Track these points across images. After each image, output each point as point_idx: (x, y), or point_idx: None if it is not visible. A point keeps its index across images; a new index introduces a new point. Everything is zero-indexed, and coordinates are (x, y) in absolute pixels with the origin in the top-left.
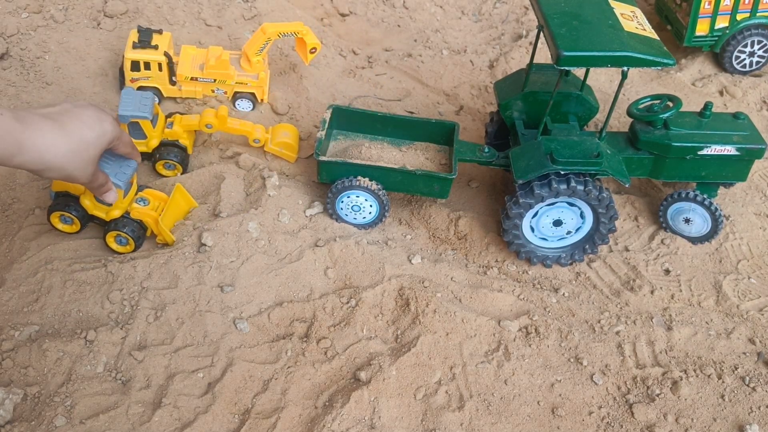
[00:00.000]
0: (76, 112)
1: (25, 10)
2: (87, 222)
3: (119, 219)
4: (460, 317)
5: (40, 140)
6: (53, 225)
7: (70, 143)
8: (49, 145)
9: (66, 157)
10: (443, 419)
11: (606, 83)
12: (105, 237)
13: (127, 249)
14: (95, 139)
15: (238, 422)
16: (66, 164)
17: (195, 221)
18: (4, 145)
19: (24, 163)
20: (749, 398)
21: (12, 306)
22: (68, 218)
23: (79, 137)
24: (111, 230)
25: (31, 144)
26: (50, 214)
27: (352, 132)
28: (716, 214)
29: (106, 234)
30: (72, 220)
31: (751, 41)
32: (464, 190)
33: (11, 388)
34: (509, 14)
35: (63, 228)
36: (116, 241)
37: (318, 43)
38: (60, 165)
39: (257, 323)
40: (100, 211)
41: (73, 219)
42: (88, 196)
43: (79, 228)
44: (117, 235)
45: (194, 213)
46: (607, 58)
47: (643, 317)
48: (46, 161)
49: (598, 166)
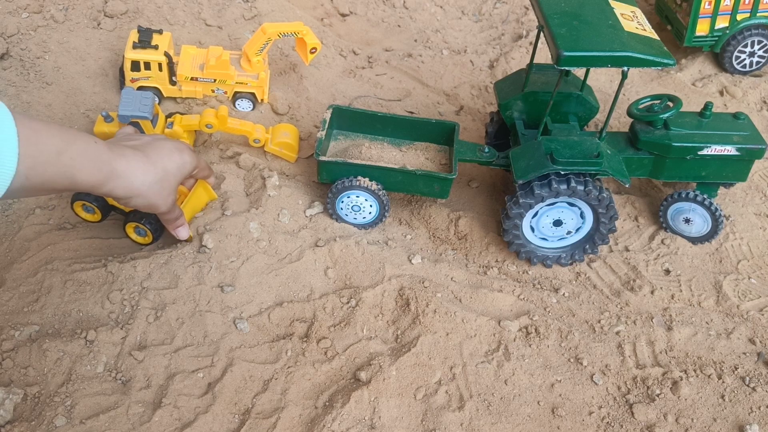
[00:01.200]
0: (158, 145)
1: (25, 10)
2: (108, 212)
3: (137, 210)
4: (460, 317)
5: (131, 169)
6: (77, 213)
7: (156, 173)
8: (138, 174)
9: (152, 187)
10: (443, 419)
11: (606, 83)
12: (125, 227)
13: (145, 240)
14: (176, 169)
15: (238, 422)
16: (151, 194)
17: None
18: (101, 172)
19: (114, 189)
20: (749, 398)
21: (12, 306)
22: (90, 207)
23: (162, 167)
24: (130, 221)
25: (123, 171)
26: (73, 203)
27: (352, 132)
28: (716, 214)
29: (125, 225)
30: (93, 209)
31: (751, 41)
32: (464, 190)
33: (11, 388)
34: (509, 14)
35: (86, 216)
36: (135, 231)
37: (318, 43)
38: (146, 193)
39: (257, 323)
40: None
41: (95, 209)
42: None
43: (100, 217)
44: (136, 227)
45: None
46: (608, 58)
47: (643, 317)
48: (134, 188)
49: (598, 166)
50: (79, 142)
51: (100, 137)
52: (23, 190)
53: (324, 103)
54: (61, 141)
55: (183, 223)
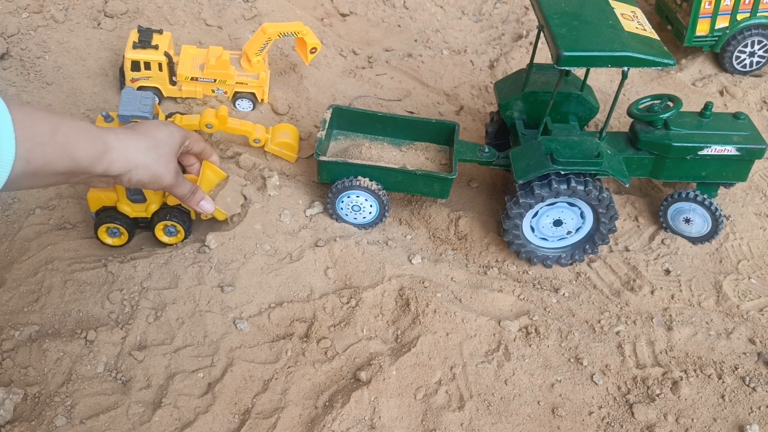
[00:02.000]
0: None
1: (25, 10)
2: (133, 230)
3: (159, 211)
4: (461, 317)
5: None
6: (103, 241)
7: (147, 142)
8: (131, 144)
9: (148, 155)
10: (443, 419)
11: (606, 83)
12: (154, 233)
13: (178, 238)
14: (167, 137)
15: (239, 422)
16: (149, 161)
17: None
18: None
19: (112, 163)
20: (749, 398)
21: (12, 306)
22: (115, 230)
23: (153, 137)
24: (156, 223)
25: (115, 144)
26: (97, 230)
27: (352, 132)
28: (716, 214)
29: (154, 229)
30: (119, 230)
31: (751, 41)
32: (464, 190)
33: (11, 388)
34: (509, 14)
35: (113, 242)
36: (166, 233)
37: (318, 43)
38: (144, 162)
39: (257, 323)
40: (140, 212)
41: (120, 229)
42: (123, 201)
43: (127, 239)
44: (165, 227)
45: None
46: (608, 58)
47: (643, 317)
48: (132, 159)
49: (598, 166)
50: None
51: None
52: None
53: (324, 103)
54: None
55: (203, 196)
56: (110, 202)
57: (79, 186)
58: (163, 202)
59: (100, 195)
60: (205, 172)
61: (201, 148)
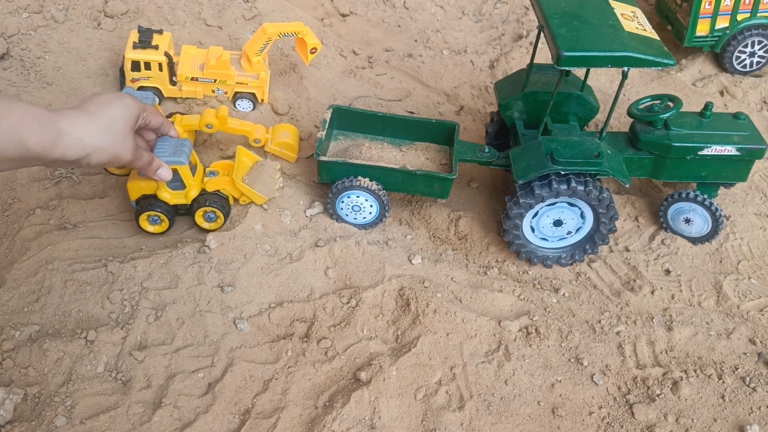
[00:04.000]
0: (95, 100)
1: (25, 10)
2: (172, 216)
3: (199, 197)
4: (461, 317)
5: (75, 126)
6: (144, 229)
7: (101, 123)
8: (83, 129)
9: (103, 137)
10: (443, 419)
11: (606, 83)
12: (195, 219)
13: (218, 224)
14: (122, 113)
15: (239, 422)
16: (105, 144)
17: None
18: (46, 133)
19: (66, 150)
20: (749, 398)
21: (12, 306)
22: (156, 217)
23: (107, 116)
24: (196, 210)
25: (68, 130)
26: (138, 218)
27: (352, 132)
28: (716, 214)
29: (194, 216)
30: (160, 218)
31: (751, 41)
32: (464, 190)
33: (11, 388)
34: (510, 14)
35: (154, 229)
36: (205, 218)
37: (318, 44)
38: (100, 145)
39: (257, 323)
40: (179, 199)
41: (161, 216)
42: (163, 189)
43: (167, 226)
44: (204, 213)
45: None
46: (608, 58)
47: (643, 317)
48: (86, 144)
49: (598, 167)
50: (17, 105)
51: None
52: None
53: (324, 103)
54: (1, 106)
55: (160, 164)
56: (150, 190)
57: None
58: (202, 188)
59: (140, 184)
60: (240, 157)
61: (159, 122)
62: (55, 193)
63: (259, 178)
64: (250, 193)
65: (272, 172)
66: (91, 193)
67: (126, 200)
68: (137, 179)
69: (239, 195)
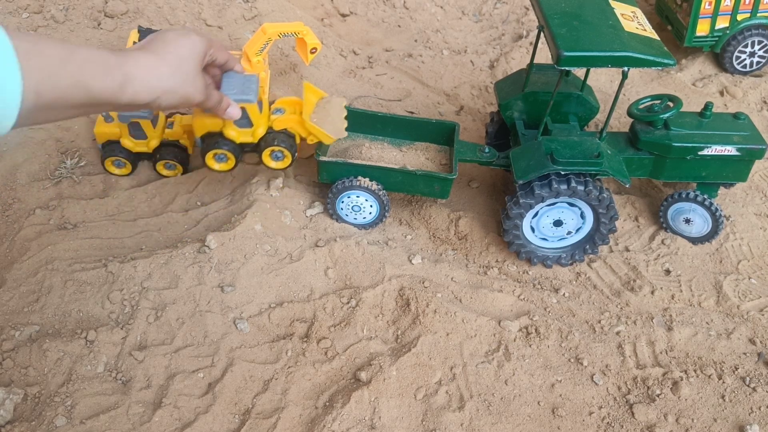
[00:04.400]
0: (161, 38)
1: (25, 10)
2: (239, 154)
3: (266, 135)
4: (461, 317)
5: (143, 67)
6: (210, 167)
7: (169, 64)
8: (153, 72)
9: (173, 79)
10: (443, 419)
11: (606, 83)
12: (262, 158)
13: (285, 163)
14: (189, 52)
15: (239, 422)
16: (176, 85)
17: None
18: (114, 79)
19: (136, 95)
20: (750, 399)
21: (12, 306)
22: (222, 155)
23: (174, 56)
24: (264, 149)
25: (135, 73)
26: (205, 156)
27: (352, 132)
28: (717, 214)
29: (261, 155)
30: (226, 156)
31: (751, 41)
32: (465, 190)
33: (11, 388)
34: (510, 14)
35: (220, 167)
36: (272, 158)
37: (318, 44)
38: (171, 87)
39: (257, 323)
40: (246, 137)
41: (227, 155)
42: (229, 126)
43: (233, 164)
44: (272, 152)
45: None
46: (608, 58)
47: (643, 317)
48: (156, 87)
49: (598, 167)
50: (81, 50)
51: (100, 137)
52: (39, 110)
53: None
54: (63, 50)
55: (229, 103)
56: (216, 127)
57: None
58: (269, 126)
59: (206, 120)
60: (306, 95)
61: (225, 58)
62: (55, 193)
63: (327, 117)
64: (320, 133)
65: (339, 109)
66: (91, 193)
67: (126, 200)
68: (202, 116)
69: (307, 134)
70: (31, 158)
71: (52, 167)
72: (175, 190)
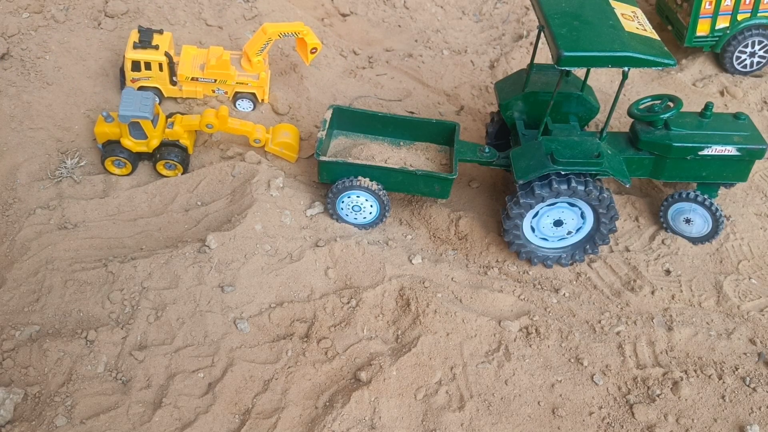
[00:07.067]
0: None
1: (26, 10)
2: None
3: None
4: (461, 317)
5: None
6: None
7: None
8: None
9: None
10: (444, 419)
11: (607, 84)
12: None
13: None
14: None
15: (239, 422)
16: None
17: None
18: None
19: None
20: (750, 399)
21: (13, 306)
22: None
23: None
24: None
25: None
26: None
27: (352, 132)
28: (717, 214)
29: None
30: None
31: (751, 41)
32: (465, 190)
33: (12, 388)
34: (510, 14)
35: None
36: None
37: (319, 44)
38: None
39: (258, 323)
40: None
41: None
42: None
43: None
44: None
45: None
46: (608, 58)
47: (643, 317)
48: None
49: (598, 167)
50: None
51: (100, 137)
52: None
53: (324, 103)
54: None
55: None
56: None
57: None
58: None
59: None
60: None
61: None
62: (55, 193)
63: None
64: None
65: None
66: (91, 193)
67: (127, 200)
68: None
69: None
70: (31, 158)
71: (52, 167)
72: (176, 190)
